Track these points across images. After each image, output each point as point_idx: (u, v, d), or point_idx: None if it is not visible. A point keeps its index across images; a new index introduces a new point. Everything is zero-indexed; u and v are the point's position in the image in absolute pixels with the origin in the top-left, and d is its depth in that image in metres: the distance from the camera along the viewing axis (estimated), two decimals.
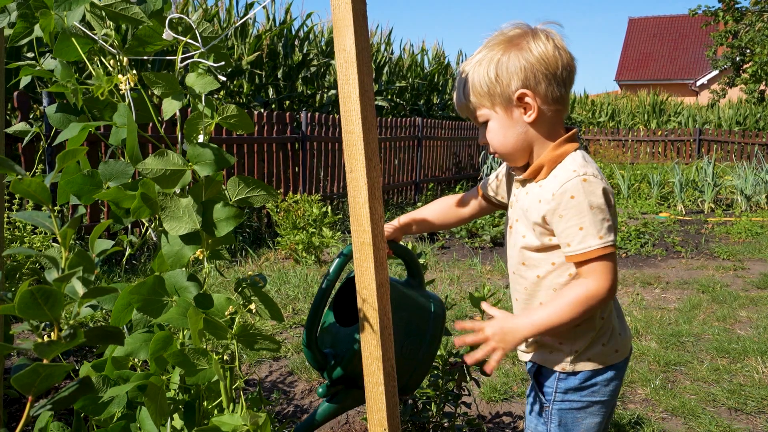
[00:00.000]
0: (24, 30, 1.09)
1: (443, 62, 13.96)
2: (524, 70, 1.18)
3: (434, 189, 9.87)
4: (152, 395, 0.85)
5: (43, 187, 0.75)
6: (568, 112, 1.27)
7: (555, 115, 1.23)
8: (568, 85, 1.23)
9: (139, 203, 0.94)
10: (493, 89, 1.21)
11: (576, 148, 1.23)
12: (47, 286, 0.61)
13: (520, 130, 1.23)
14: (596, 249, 1.14)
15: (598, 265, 1.15)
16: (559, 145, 1.22)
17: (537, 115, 1.21)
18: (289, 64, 9.80)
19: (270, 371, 2.93)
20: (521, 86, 1.19)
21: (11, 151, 4.50)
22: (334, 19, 0.98)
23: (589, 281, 1.15)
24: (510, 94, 1.20)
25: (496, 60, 1.20)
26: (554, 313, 1.16)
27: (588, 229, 1.14)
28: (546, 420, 1.31)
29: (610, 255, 1.15)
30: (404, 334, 1.36)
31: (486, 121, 1.25)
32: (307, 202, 5.50)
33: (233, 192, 1.03)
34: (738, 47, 16.52)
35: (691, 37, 32.43)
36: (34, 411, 0.66)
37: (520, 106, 1.21)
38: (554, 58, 1.19)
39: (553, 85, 1.20)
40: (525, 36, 1.20)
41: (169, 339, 0.92)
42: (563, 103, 1.23)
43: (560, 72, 1.20)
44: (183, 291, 0.96)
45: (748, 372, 2.99)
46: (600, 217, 1.15)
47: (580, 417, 1.29)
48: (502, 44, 1.21)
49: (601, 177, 1.19)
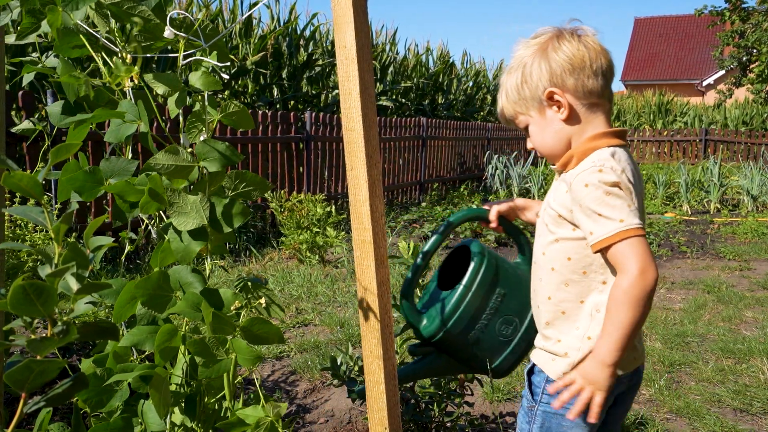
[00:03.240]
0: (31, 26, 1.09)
1: (448, 62, 13.95)
2: (550, 70, 1.21)
3: (439, 189, 9.86)
4: (158, 385, 0.85)
5: (35, 182, 0.74)
6: (608, 105, 1.25)
7: (590, 110, 1.23)
8: (601, 78, 1.22)
9: (147, 198, 0.95)
10: (523, 94, 1.25)
11: (612, 144, 1.21)
12: (39, 281, 0.60)
13: (557, 128, 1.24)
14: (618, 232, 1.10)
15: (623, 248, 1.10)
16: (592, 138, 1.22)
17: (569, 110, 1.22)
18: (294, 64, 9.81)
19: (272, 370, 2.93)
20: (548, 85, 1.22)
21: (16, 151, 4.52)
22: (335, 15, 0.98)
23: (619, 276, 1.12)
24: (539, 94, 1.23)
25: (523, 65, 1.25)
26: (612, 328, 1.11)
27: (607, 214, 1.12)
28: (530, 420, 1.30)
29: (635, 237, 1.10)
30: (499, 312, 1.37)
31: (527, 126, 1.30)
32: (311, 202, 5.51)
33: (229, 186, 1.03)
34: (744, 47, 16.45)
35: (697, 37, 32.30)
36: (27, 408, 0.66)
37: (552, 105, 1.23)
38: (580, 53, 1.20)
39: (581, 79, 1.20)
40: (550, 38, 1.24)
41: (175, 331, 0.93)
42: (598, 96, 1.22)
43: (588, 65, 1.20)
44: (188, 286, 0.96)
45: (753, 373, 2.98)
46: (618, 201, 1.12)
47: (566, 425, 1.26)
48: (528, 50, 1.26)
49: (621, 169, 1.15)
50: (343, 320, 3.61)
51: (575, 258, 1.21)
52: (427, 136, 9.53)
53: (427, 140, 9.52)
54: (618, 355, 1.12)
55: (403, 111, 12.25)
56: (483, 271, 1.36)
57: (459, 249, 1.45)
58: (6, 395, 1.88)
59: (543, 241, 1.28)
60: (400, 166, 8.85)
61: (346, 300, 4.06)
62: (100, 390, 0.91)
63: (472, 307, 1.35)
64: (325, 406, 2.57)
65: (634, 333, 1.12)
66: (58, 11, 0.99)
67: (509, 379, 2.81)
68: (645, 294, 1.10)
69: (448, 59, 14.13)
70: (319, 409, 2.54)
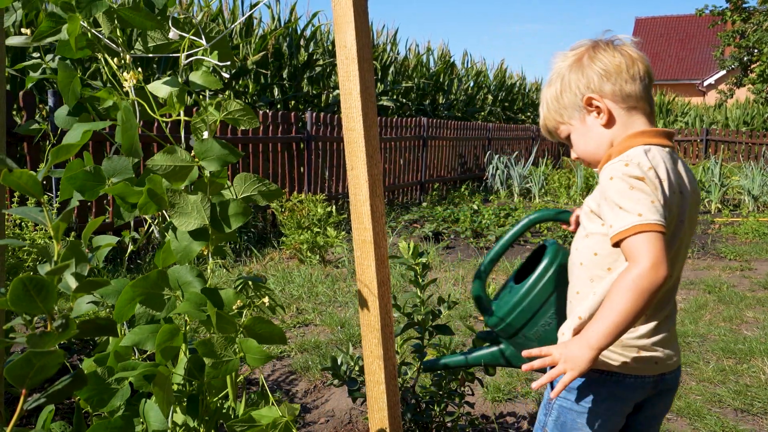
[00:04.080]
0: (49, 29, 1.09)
1: (449, 62, 13.94)
2: (587, 77, 1.25)
3: (439, 189, 9.86)
4: (161, 383, 0.86)
5: (34, 180, 0.74)
6: (648, 108, 1.27)
7: (629, 113, 1.25)
8: (638, 83, 1.24)
9: (146, 199, 0.95)
10: (563, 102, 1.29)
11: (650, 143, 1.21)
12: (39, 277, 0.60)
13: (598, 133, 1.26)
14: (634, 225, 1.09)
15: (636, 241, 1.08)
16: (629, 137, 1.23)
17: (608, 115, 1.24)
18: (295, 64, 9.82)
19: (273, 370, 2.93)
20: (587, 91, 1.25)
21: (17, 151, 4.52)
22: (335, 15, 0.98)
23: (630, 265, 1.09)
24: (578, 101, 1.26)
25: (561, 76, 1.29)
26: (608, 312, 1.09)
27: (627, 207, 1.11)
28: (547, 411, 1.31)
29: (653, 232, 1.08)
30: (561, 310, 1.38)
31: (568, 137, 1.32)
32: (312, 202, 5.51)
33: (239, 189, 1.03)
34: (745, 47, 16.44)
35: (698, 37, 32.28)
36: (28, 405, 0.66)
37: (591, 111, 1.26)
38: (616, 60, 1.24)
39: (619, 84, 1.23)
40: (586, 49, 1.28)
41: (176, 331, 0.93)
42: (636, 100, 1.24)
43: (625, 71, 1.23)
44: (187, 286, 0.96)
45: (754, 373, 2.97)
46: (640, 196, 1.11)
47: (579, 422, 1.26)
48: (566, 61, 1.30)
49: (649, 166, 1.15)
50: (343, 320, 3.61)
51: (601, 254, 1.22)
52: (428, 136, 9.53)
53: (427, 140, 9.52)
54: (605, 342, 1.10)
55: (403, 111, 12.25)
56: (552, 270, 1.39)
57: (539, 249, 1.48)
58: (6, 395, 1.88)
59: (577, 236, 1.30)
60: (400, 166, 8.85)
61: (347, 300, 4.06)
62: (101, 389, 0.91)
63: (536, 303, 1.38)
64: (326, 406, 2.57)
65: (627, 323, 1.09)
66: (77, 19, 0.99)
67: (510, 379, 2.81)
68: (652, 288, 1.07)
69: (449, 59, 14.13)
70: (319, 409, 2.54)
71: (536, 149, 13.56)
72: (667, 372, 1.27)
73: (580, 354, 1.11)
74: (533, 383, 1.16)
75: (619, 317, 1.08)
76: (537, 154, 13.66)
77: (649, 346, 1.23)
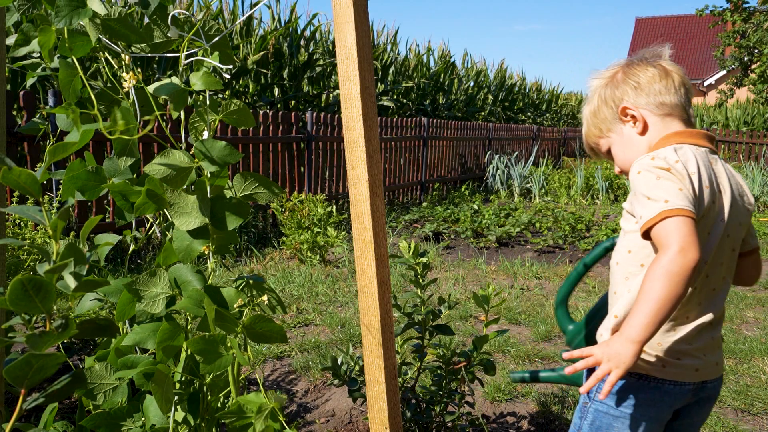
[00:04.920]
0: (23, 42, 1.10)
1: (449, 62, 13.94)
2: (621, 90, 1.31)
3: (440, 189, 9.86)
4: (159, 381, 0.86)
5: (33, 179, 0.74)
6: (684, 115, 1.29)
7: (664, 120, 1.28)
8: (673, 93, 1.27)
9: (144, 199, 0.95)
10: (600, 117, 1.35)
11: (683, 142, 1.22)
12: (38, 277, 0.60)
13: (636, 142, 1.30)
14: (661, 212, 1.08)
15: (664, 227, 1.07)
16: (664, 139, 1.25)
17: (643, 123, 1.28)
18: (295, 64, 9.82)
19: (273, 370, 2.93)
20: (622, 103, 1.30)
21: (17, 151, 4.52)
22: (335, 15, 0.98)
23: (659, 253, 1.08)
24: (614, 113, 1.32)
25: (598, 92, 1.35)
26: (643, 302, 1.07)
27: (654, 196, 1.10)
28: (583, 415, 1.30)
29: (680, 217, 1.07)
30: None
31: (609, 151, 1.37)
32: (312, 202, 5.51)
33: (239, 188, 1.03)
34: (746, 47, 16.43)
35: (698, 37, 32.27)
36: (27, 404, 0.66)
37: (627, 120, 1.30)
38: (649, 73, 1.29)
39: (652, 95, 1.27)
40: (621, 67, 1.34)
41: (177, 329, 0.93)
42: (672, 108, 1.27)
43: (658, 82, 1.28)
44: (187, 285, 0.96)
45: (754, 373, 2.97)
46: (667, 184, 1.11)
47: (616, 427, 1.24)
48: (602, 80, 1.36)
49: (676, 159, 1.15)
50: (343, 320, 3.61)
51: (634, 250, 1.22)
52: (428, 136, 9.53)
53: (428, 140, 9.52)
54: (645, 333, 1.06)
55: (404, 111, 12.25)
56: None
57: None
58: (7, 395, 1.88)
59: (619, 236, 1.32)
60: (401, 166, 8.85)
61: (347, 300, 4.06)
62: (102, 385, 0.92)
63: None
64: (326, 405, 2.57)
65: (664, 311, 1.06)
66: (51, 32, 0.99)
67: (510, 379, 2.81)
68: (683, 272, 1.05)
69: (449, 59, 14.13)
70: (319, 409, 2.55)
71: (536, 149, 13.56)
72: (709, 380, 1.24)
73: (623, 350, 1.08)
74: (581, 387, 1.14)
75: (655, 305, 1.05)
76: (537, 154, 13.66)
77: (690, 351, 1.21)
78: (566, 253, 5.79)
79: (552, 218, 6.94)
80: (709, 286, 1.23)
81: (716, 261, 1.21)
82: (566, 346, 1.55)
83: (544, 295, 4.34)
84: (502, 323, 3.71)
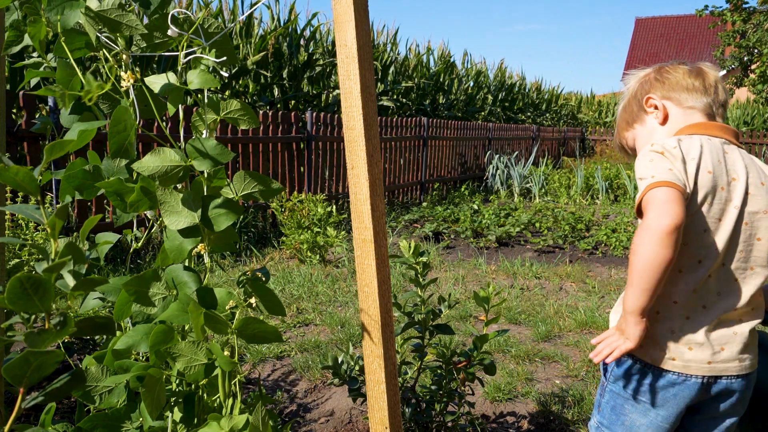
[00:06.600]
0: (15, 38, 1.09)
1: (449, 62, 13.94)
2: (651, 84, 1.37)
3: (440, 189, 9.86)
4: (150, 386, 0.85)
5: (30, 177, 0.74)
6: (708, 110, 1.32)
7: (686, 114, 1.32)
8: (701, 92, 1.31)
9: (139, 196, 0.94)
10: (629, 110, 1.41)
11: (695, 134, 1.25)
12: (37, 275, 0.60)
13: (656, 132, 1.35)
14: (647, 186, 1.14)
15: (645, 199, 1.13)
16: (680, 130, 1.29)
17: (665, 114, 1.33)
18: (295, 63, 9.81)
19: (273, 370, 2.93)
20: (647, 94, 1.37)
21: (17, 151, 4.52)
22: (335, 14, 0.98)
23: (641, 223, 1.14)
24: (641, 104, 1.38)
25: (629, 91, 1.43)
26: (631, 273, 1.13)
27: (645, 176, 1.16)
28: (602, 392, 1.37)
29: (660, 187, 1.11)
30: None
31: (634, 147, 1.42)
32: (312, 202, 5.51)
33: (239, 186, 1.03)
34: (746, 47, 16.43)
35: (698, 37, 32.28)
36: (26, 403, 0.66)
37: (651, 111, 1.36)
38: (678, 72, 1.35)
39: (679, 89, 1.33)
40: (653, 69, 1.41)
41: (170, 332, 0.92)
42: (696, 102, 1.32)
43: (688, 78, 1.33)
44: (182, 285, 0.96)
45: None
46: (658, 163, 1.16)
47: (627, 409, 1.29)
48: (636, 77, 1.44)
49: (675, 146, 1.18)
50: (343, 320, 3.61)
51: None
52: (428, 136, 9.53)
53: (428, 140, 9.51)
54: (637, 302, 1.13)
55: (404, 111, 12.25)
56: None
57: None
58: (7, 394, 1.88)
59: None
60: (401, 166, 8.85)
61: (347, 300, 4.06)
62: (99, 386, 0.91)
63: None
64: (326, 405, 2.57)
65: (649, 278, 1.10)
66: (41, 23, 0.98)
67: (510, 379, 2.81)
68: (656, 236, 1.08)
69: (449, 59, 14.13)
70: (319, 409, 2.54)
71: (536, 149, 13.55)
72: (725, 376, 1.20)
73: (625, 325, 1.17)
74: (592, 353, 1.22)
75: (637, 273, 1.12)
76: (537, 154, 13.65)
77: (703, 343, 1.19)
78: (566, 252, 5.79)
79: (552, 218, 6.94)
80: (728, 275, 1.20)
81: (732, 248, 1.19)
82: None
83: (543, 295, 4.34)
84: (502, 323, 3.70)
